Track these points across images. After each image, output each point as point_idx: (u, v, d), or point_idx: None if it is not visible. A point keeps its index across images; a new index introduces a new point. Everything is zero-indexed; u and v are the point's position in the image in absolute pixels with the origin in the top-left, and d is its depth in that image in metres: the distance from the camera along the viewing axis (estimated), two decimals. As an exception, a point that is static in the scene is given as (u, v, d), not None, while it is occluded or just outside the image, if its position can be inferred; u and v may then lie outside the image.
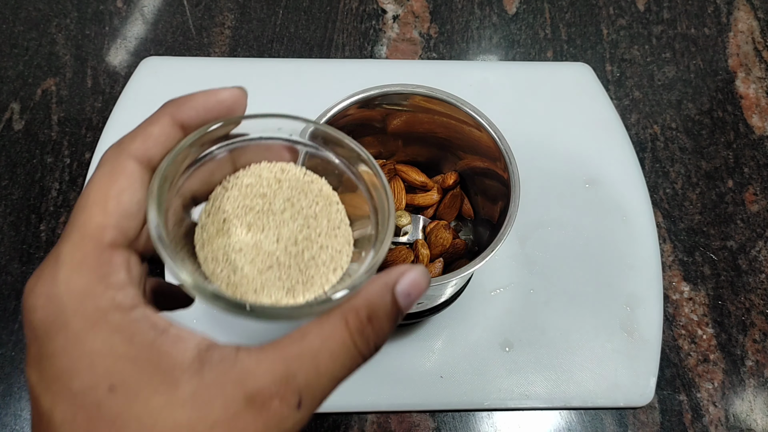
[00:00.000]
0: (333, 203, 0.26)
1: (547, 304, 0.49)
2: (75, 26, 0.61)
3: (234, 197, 0.24)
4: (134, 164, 0.21)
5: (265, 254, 0.24)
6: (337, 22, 0.62)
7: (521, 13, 0.63)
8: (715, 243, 0.53)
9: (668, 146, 0.57)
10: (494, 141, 0.38)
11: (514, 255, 0.51)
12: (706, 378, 0.48)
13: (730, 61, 0.61)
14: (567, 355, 0.48)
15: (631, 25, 0.63)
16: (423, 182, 0.45)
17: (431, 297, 0.40)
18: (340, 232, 0.25)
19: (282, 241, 0.24)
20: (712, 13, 0.64)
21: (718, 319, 0.50)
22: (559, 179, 0.54)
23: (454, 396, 0.46)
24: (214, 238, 0.23)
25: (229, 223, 0.24)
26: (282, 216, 0.24)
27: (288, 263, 0.24)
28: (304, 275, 0.24)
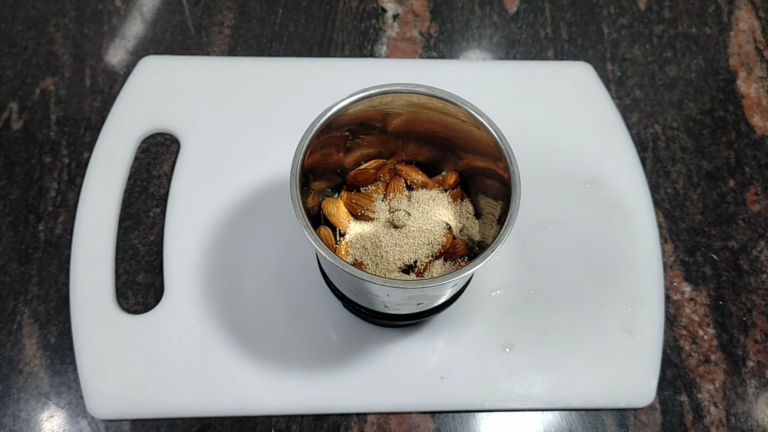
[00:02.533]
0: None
1: (547, 304, 0.49)
2: (74, 25, 0.61)
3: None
4: None
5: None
6: (337, 21, 0.62)
7: (522, 12, 0.63)
8: (717, 243, 0.53)
9: (669, 146, 0.57)
10: (495, 140, 0.38)
11: (515, 255, 0.50)
12: (707, 378, 0.48)
13: (731, 60, 0.61)
14: (568, 356, 0.47)
15: (632, 24, 0.63)
16: (423, 182, 0.45)
17: (431, 297, 0.40)
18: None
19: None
20: (713, 12, 0.64)
21: (719, 319, 0.50)
22: (559, 179, 0.53)
23: (454, 397, 0.46)
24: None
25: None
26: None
27: None
28: None
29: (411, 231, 0.42)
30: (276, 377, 0.46)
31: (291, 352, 0.47)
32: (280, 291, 0.48)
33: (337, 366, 0.47)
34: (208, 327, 0.47)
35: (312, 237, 0.34)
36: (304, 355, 0.47)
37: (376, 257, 0.42)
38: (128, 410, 0.45)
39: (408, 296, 0.38)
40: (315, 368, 0.46)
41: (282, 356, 0.47)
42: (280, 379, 0.46)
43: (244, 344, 0.47)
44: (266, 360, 0.46)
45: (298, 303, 0.48)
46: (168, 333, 0.47)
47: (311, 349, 0.47)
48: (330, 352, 0.47)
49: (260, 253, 0.50)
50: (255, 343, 0.47)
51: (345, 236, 0.43)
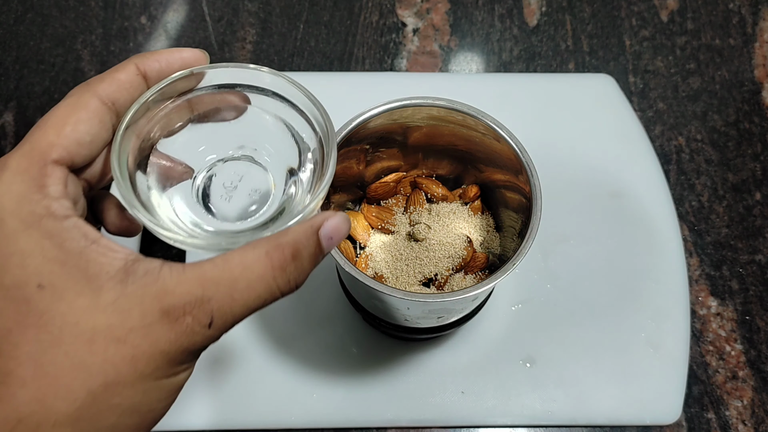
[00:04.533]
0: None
1: (570, 318, 0.48)
2: (100, 42, 0.62)
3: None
4: (97, 102, 0.24)
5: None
6: (357, 35, 0.62)
7: (542, 25, 0.63)
8: (743, 257, 0.52)
9: (694, 158, 0.56)
10: (516, 154, 0.37)
11: (537, 269, 0.50)
12: (735, 395, 0.47)
13: (756, 72, 0.60)
14: (591, 371, 0.47)
15: (654, 36, 0.62)
16: (444, 195, 0.45)
17: (452, 311, 0.40)
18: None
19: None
20: (737, 23, 0.63)
21: (746, 335, 0.49)
22: (582, 192, 0.53)
23: (475, 412, 0.46)
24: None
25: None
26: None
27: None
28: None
29: (431, 244, 0.42)
30: (296, 391, 0.46)
31: (311, 365, 0.47)
32: (300, 304, 0.49)
33: (357, 380, 0.46)
34: (228, 340, 0.47)
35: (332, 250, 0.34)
36: (324, 369, 0.47)
37: (396, 270, 0.42)
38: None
39: (428, 310, 0.38)
40: (335, 382, 0.46)
41: (302, 370, 0.47)
42: (301, 392, 0.46)
43: (264, 357, 0.47)
44: (286, 373, 0.46)
45: (318, 316, 0.48)
46: (189, 345, 0.47)
47: (331, 363, 0.47)
48: (350, 366, 0.47)
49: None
50: (275, 356, 0.47)
51: (365, 249, 0.43)
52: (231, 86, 0.28)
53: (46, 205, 0.22)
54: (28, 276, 0.21)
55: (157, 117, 0.27)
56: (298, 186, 0.29)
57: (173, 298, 0.22)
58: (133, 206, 0.24)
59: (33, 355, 0.21)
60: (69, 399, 0.21)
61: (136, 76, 0.25)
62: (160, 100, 0.26)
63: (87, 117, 0.23)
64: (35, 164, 0.22)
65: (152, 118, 0.26)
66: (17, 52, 0.61)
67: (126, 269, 0.22)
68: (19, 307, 0.21)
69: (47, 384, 0.21)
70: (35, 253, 0.21)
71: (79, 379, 0.21)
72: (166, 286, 0.22)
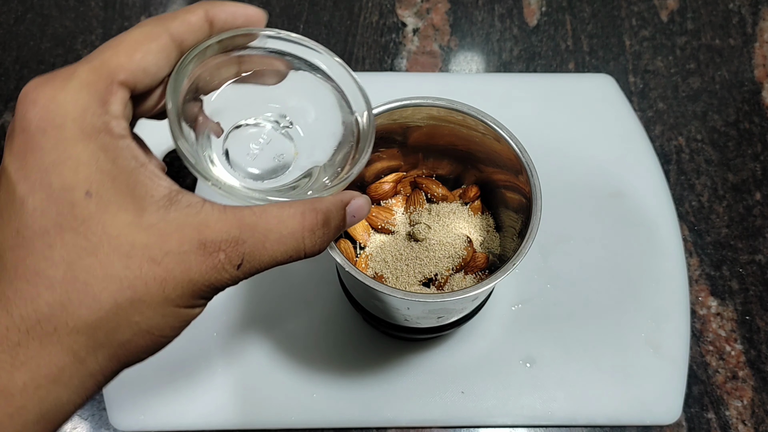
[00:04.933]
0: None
1: (569, 318, 0.48)
2: (100, 42, 0.62)
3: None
4: (168, 38, 0.24)
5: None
6: (357, 35, 0.62)
7: (542, 25, 0.63)
8: (743, 257, 0.52)
9: (694, 158, 0.56)
10: (515, 154, 0.37)
11: (536, 269, 0.50)
12: (735, 395, 0.47)
13: (756, 72, 0.60)
14: (591, 371, 0.47)
15: (654, 36, 0.62)
16: (444, 195, 0.45)
17: (452, 311, 0.40)
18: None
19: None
20: (737, 23, 0.63)
21: (746, 335, 0.49)
22: (582, 192, 0.53)
23: (475, 412, 0.46)
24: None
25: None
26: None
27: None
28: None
29: (431, 244, 0.42)
30: (296, 390, 0.46)
31: (311, 365, 0.47)
32: (301, 305, 0.49)
33: (357, 380, 0.46)
34: (229, 340, 0.47)
35: (332, 250, 0.34)
36: (324, 369, 0.47)
37: (397, 270, 0.42)
38: (150, 422, 0.45)
39: (428, 310, 0.38)
40: (335, 382, 0.46)
41: (302, 370, 0.47)
42: (301, 392, 0.46)
43: (265, 358, 0.47)
44: (286, 373, 0.46)
45: (318, 317, 0.48)
46: (189, 346, 0.47)
47: (331, 363, 0.47)
48: (350, 366, 0.47)
49: (280, 267, 0.50)
50: (275, 356, 0.47)
51: (365, 249, 0.43)
52: (281, 53, 0.29)
53: (106, 121, 0.22)
54: (79, 182, 0.21)
55: (209, 66, 0.27)
56: (321, 161, 0.30)
57: (211, 233, 0.22)
58: (180, 138, 0.24)
59: (67, 258, 0.21)
60: (93, 308, 0.21)
61: (204, 21, 0.25)
62: (217, 51, 0.27)
63: (156, 49, 0.24)
64: (102, 80, 0.22)
65: (205, 66, 0.27)
66: (17, 52, 0.61)
67: (170, 197, 0.23)
68: (62, 210, 0.21)
69: (75, 289, 0.21)
70: (90, 162, 0.21)
71: (108, 290, 0.21)
72: (206, 221, 0.23)
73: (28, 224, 0.21)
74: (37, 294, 0.21)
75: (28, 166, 0.21)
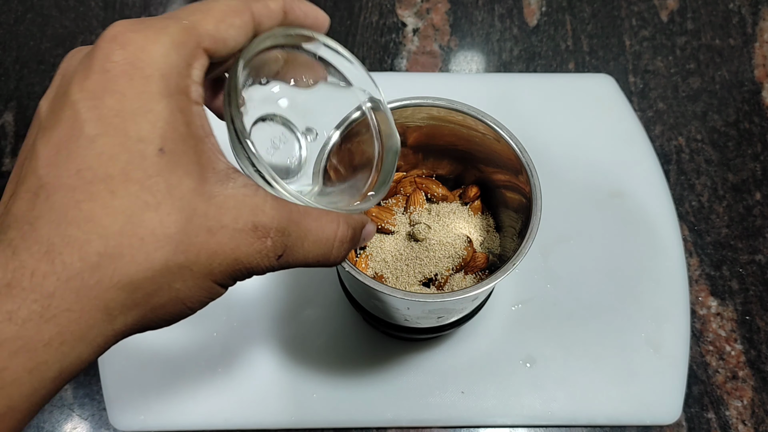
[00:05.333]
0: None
1: (570, 318, 0.48)
2: (100, 42, 0.62)
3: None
4: (250, 17, 0.24)
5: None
6: (357, 35, 0.62)
7: (542, 25, 0.63)
8: (743, 257, 0.52)
9: (694, 158, 0.56)
10: (515, 154, 0.37)
11: (536, 269, 0.50)
12: (735, 395, 0.47)
13: (756, 72, 0.60)
14: (591, 371, 0.47)
15: (654, 36, 0.62)
16: (444, 195, 0.45)
17: (452, 311, 0.40)
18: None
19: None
20: (737, 23, 0.63)
21: (746, 335, 0.49)
22: (582, 192, 0.53)
23: (475, 412, 0.46)
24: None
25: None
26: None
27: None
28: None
29: (431, 244, 0.42)
30: (296, 391, 0.46)
31: (311, 365, 0.47)
32: (301, 304, 0.49)
33: (357, 380, 0.46)
34: (229, 340, 0.47)
35: None
36: (324, 369, 0.47)
37: (397, 270, 0.42)
38: (150, 422, 0.45)
39: (428, 310, 0.38)
40: (335, 382, 0.46)
41: (302, 370, 0.47)
42: (301, 392, 0.46)
43: (265, 358, 0.47)
44: (287, 373, 0.46)
45: (318, 317, 0.48)
46: (190, 346, 0.47)
47: (331, 363, 0.47)
48: (350, 366, 0.47)
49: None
50: (275, 356, 0.47)
51: (365, 249, 0.43)
52: (326, 62, 0.29)
53: (187, 84, 0.22)
54: (155, 136, 0.21)
55: (266, 57, 0.27)
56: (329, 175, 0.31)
57: (265, 218, 0.22)
58: (237, 115, 0.24)
59: (127, 210, 0.20)
60: (143, 266, 0.20)
61: (281, 11, 0.26)
62: (281, 42, 0.27)
63: (239, 24, 0.24)
64: (191, 42, 0.22)
65: (263, 54, 0.27)
66: (17, 52, 0.61)
67: (227, 173, 0.22)
68: (133, 160, 0.20)
69: (129, 243, 0.20)
70: (168, 120, 0.21)
71: (162, 251, 0.20)
72: (261, 205, 0.23)
73: (92, 166, 0.20)
74: (87, 242, 0.20)
75: (105, 107, 0.20)
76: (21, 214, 0.20)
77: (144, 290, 0.21)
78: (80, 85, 0.21)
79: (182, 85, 0.22)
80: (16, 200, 0.20)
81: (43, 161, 0.20)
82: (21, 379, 0.19)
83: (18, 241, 0.20)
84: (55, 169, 0.20)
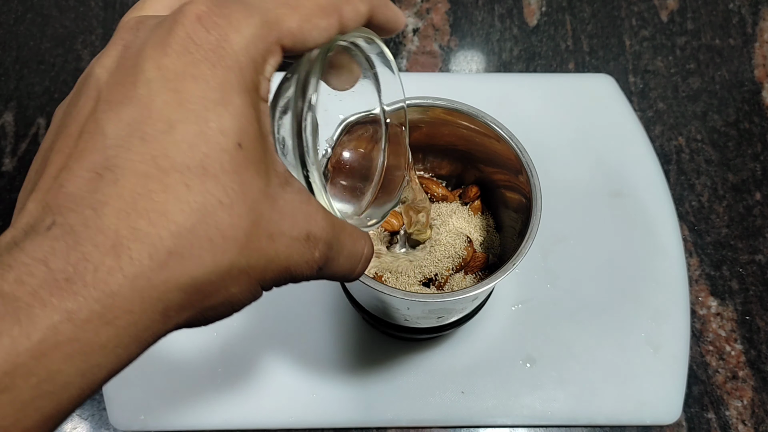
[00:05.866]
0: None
1: (570, 318, 0.48)
2: (100, 42, 0.62)
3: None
4: (336, 19, 0.22)
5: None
6: (358, 35, 0.62)
7: (542, 25, 0.63)
8: (743, 257, 0.52)
9: (694, 158, 0.56)
10: (515, 153, 0.37)
11: (536, 269, 0.50)
12: (735, 395, 0.47)
13: (756, 72, 0.60)
14: (591, 371, 0.47)
15: (654, 36, 0.62)
16: (444, 195, 0.45)
17: (452, 311, 0.40)
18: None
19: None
20: (737, 23, 0.63)
21: (746, 335, 0.49)
22: (582, 192, 0.53)
23: (475, 412, 0.46)
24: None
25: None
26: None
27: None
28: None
29: (431, 244, 0.42)
30: (296, 390, 0.46)
31: (311, 365, 0.47)
32: (301, 304, 0.49)
33: (357, 380, 0.46)
34: (229, 340, 0.47)
35: None
36: (324, 369, 0.47)
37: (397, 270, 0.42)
38: (150, 422, 0.45)
39: (428, 310, 0.38)
40: (335, 382, 0.46)
41: (302, 370, 0.47)
42: (301, 392, 0.46)
43: (264, 358, 0.47)
44: (286, 373, 0.46)
45: (318, 316, 0.48)
46: (189, 346, 0.47)
47: (331, 363, 0.47)
48: (350, 366, 0.47)
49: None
50: (275, 356, 0.47)
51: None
52: (368, 70, 0.28)
53: (260, 79, 0.21)
54: (234, 130, 0.19)
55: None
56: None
57: (317, 228, 0.22)
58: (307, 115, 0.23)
59: (201, 207, 0.19)
60: (209, 267, 0.19)
61: (368, 14, 0.24)
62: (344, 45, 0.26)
63: (324, 26, 0.22)
64: (271, 37, 0.21)
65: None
66: (17, 52, 0.61)
67: (286, 177, 0.21)
68: (211, 152, 0.19)
69: (199, 244, 0.19)
70: (245, 115, 0.20)
71: (229, 253, 0.19)
72: (315, 214, 0.22)
73: (170, 154, 0.18)
74: (158, 238, 0.18)
75: (186, 92, 0.19)
76: (81, 196, 0.18)
77: (203, 292, 0.20)
78: (157, 62, 0.19)
79: (255, 81, 0.21)
80: (73, 177, 0.18)
81: (111, 140, 0.18)
82: (73, 383, 0.18)
83: (80, 228, 0.17)
84: (126, 152, 0.18)
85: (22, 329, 0.16)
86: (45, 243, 0.17)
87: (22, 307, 0.16)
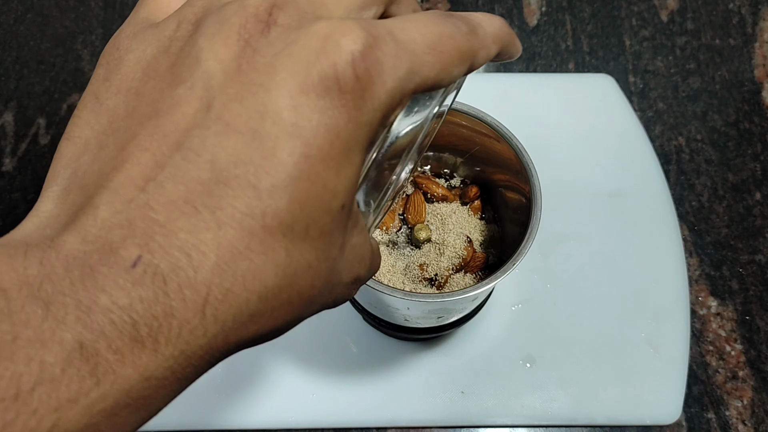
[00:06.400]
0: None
1: (570, 318, 0.48)
2: (100, 42, 0.62)
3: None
4: (469, 66, 0.20)
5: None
6: (358, 35, 0.62)
7: (542, 25, 0.63)
8: (743, 257, 0.52)
9: (694, 158, 0.56)
10: (515, 153, 0.37)
11: (536, 269, 0.50)
12: (735, 395, 0.47)
13: (756, 72, 0.60)
14: (591, 371, 0.47)
15: (654, 36, 0.62)
16: (444, 195, 0.45)
17: (452, 311, 0.40)
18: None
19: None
20: (737, 23, 0.63)
21: (746, 335, 0.49)
22: (582, 192, 0.53)
23: (475, 412, 0.46)
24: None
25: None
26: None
27: None
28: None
29: (431, 244, 0.42)
30: (296, 391, 0.46)
31: (311, 365, 0.47)
32: (301, 304, 0.49)
33: (357, 380, 0.46)
34: (229, 340, 0.47)
35: None
36: (324, 369, 0.47)
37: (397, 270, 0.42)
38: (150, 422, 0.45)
39: (428, 310, 0.38)
40: (335, 382, 0.46)
41: (302, 370, 0.47)
42: (300, 392, 0.46)
43: (264, 358, 0.47)
44: (286, 373, 0.46)
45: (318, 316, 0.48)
46: (189, 345, 0.47)
47: (331, 363, 0.47)
48: (350, 366, 0.47)
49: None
50: (275, 356, 0.47)
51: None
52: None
53: (382, 132, 0.20)
54: (344, 194, 0.17)
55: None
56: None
57: (364, 271, 0.21)
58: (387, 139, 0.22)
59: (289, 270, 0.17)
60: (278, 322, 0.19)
61: (494, 55, 0.22)
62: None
63: (457, 74, 0.20)
64: (409, 89, 0.18)
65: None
66: (17, 52, 0.61)
67: (357, 216, 0.20)
68: (318, 215, 0.17)
69: (286, 300, 0.18)
70: (357, 174, 0.18)
71: (299, 309, 0.19)
72: (366, 257, 0.21)
73: (279, 215, 0.16)
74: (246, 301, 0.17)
75: (314, 145, 0.17)
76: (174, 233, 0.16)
77: (257, 342, 0.19)
78: (293, 99, 0.16)
79: (378, 135, 0.19)
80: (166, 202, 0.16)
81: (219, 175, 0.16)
82: (137, 407, 0.18)
83: (171, 277, 0.16)
84: (232, 198, 0.16)
85: (100, 391, 0.15)
86: (130, 287, 0.15)
87: (101, 363, 0.15)
